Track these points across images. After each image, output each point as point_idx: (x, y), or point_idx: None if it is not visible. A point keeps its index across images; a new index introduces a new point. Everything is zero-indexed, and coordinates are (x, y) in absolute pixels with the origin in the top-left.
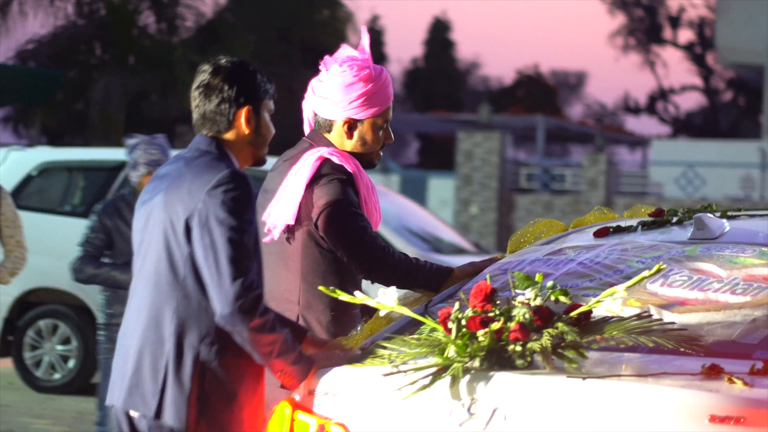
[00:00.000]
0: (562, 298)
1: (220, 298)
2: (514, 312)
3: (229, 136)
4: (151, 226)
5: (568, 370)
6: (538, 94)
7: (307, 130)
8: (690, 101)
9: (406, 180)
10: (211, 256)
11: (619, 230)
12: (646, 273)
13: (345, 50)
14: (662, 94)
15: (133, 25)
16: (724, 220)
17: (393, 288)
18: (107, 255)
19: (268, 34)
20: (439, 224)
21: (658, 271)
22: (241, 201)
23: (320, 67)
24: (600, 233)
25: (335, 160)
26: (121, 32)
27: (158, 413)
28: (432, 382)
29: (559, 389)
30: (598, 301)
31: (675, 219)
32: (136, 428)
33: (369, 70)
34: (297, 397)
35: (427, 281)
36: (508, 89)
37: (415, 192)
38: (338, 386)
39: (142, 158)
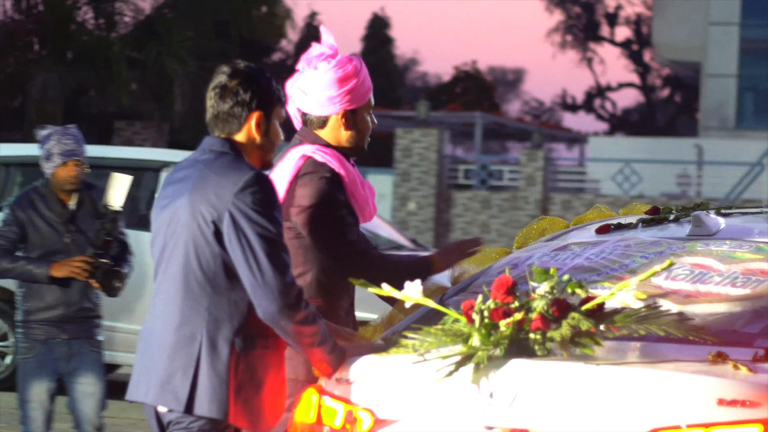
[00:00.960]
0: (579, 291)
1: (265, 296)
2: (535, 304)
3: (240, 138)
4: (175, 228)
5: (584, 357)
6: (476, 91)
7: (298, 126)
8: (627, 98)
9: None
10: (250, 257)
11: (619, 227)
12: (657, 267)
13: (316, 48)
14: (599, 91)
15: (71, 21)
16: (720, 218)
17: (418, 281)
18: (21, 248)
19: (206, 30)
20: (376, 220)
21: (670, 265)
22: (269, 200)
23: (303, 68)
24: (602, 230)
25: (318, 158)
26: (58, 27)
27: (190, 407)
28: (457, 368)
29: (576, 375)
30: (612, 294)
31: (672, 217)
32: (162, 422)
33: (355, 62)
34: (324, 385)
35: (410, 278)
36: (447, 86)
37: None
38: (365, 374)
39: (55, 149)
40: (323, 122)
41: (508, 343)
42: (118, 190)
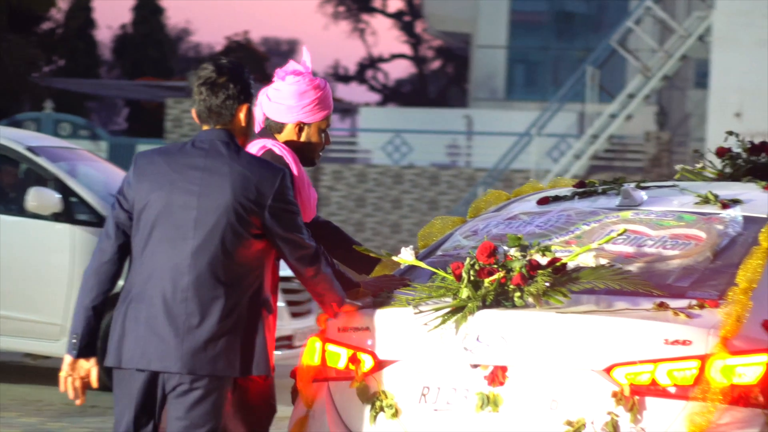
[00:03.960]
0: (548, 254)
1: (303, 262)
2: (513, 264)
3: (231, 127)
4: (206, 216)
5: (554, 307)
6: (249, 62)
7: (257, 130)
8: (399, 69)
9: (115, 147)
10: (289, 237)
11: (557, 199)
12: (614, 234)
13: (292, 65)
14: (372, 63)
15: None
16: (643, 191)
17: (411, 246)
18: None
19: None
20: None
21: (624, 232)
22: (292, 190)
23: (274, 78)
24: (542, 201)
25: (276, 150)
26: None
27: (244, 370)
28: (450, 317)
29: (548, 322)
30: (576, 255)
31: (600, 189)
32: (155, 387)
33: (318, 81)
34: (326, 333)
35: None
36: (218, 56)
37: (124, 158)
38: (366, 323)
39: None
40: (280, 128)
41: (492, 297)
42: None
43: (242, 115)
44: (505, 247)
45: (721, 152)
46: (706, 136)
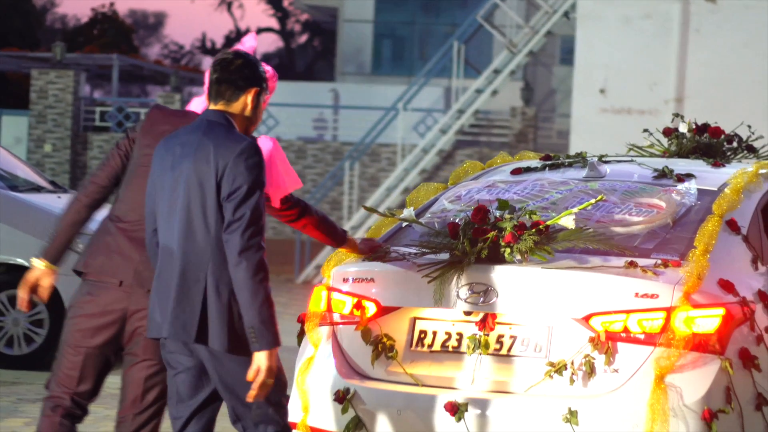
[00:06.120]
0: (534, 217)
1: (236, 243)
2: (503, 225)
3: (234, 108)
4: (180, 187)
5: (539, 263)
6: (115, 34)
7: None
8: (267, 43)
9: None
10: (239, 209)
11: (529, 170)
12: (592, 201)
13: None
14: (239, 36)
15: None
16: (605, 165)
17: (411, 208)
18: None
19: None
20: (14, 161)
21: (601, 200)
22: (259, 166)
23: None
24: (516, 171)
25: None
26: None
27: (202, 339)
28: (448, 270)
29: (533, 276)
30: (558, 219)
31: (567, 162)
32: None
33: (271, 69)
34: (331, 284)
35: (329, 234)
36: (84, 27)
37: None
38: (371, 274)
39: None
40: None
41: (485, 253)
42: None
43: (249, 99)
44: (495, 210)
45: (668, 132)
46: (571, 112)
